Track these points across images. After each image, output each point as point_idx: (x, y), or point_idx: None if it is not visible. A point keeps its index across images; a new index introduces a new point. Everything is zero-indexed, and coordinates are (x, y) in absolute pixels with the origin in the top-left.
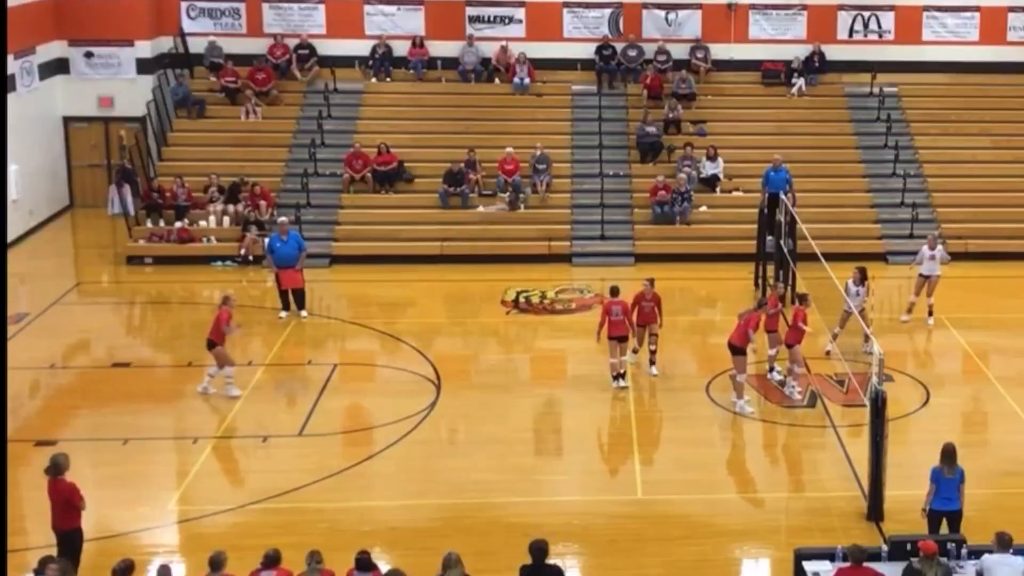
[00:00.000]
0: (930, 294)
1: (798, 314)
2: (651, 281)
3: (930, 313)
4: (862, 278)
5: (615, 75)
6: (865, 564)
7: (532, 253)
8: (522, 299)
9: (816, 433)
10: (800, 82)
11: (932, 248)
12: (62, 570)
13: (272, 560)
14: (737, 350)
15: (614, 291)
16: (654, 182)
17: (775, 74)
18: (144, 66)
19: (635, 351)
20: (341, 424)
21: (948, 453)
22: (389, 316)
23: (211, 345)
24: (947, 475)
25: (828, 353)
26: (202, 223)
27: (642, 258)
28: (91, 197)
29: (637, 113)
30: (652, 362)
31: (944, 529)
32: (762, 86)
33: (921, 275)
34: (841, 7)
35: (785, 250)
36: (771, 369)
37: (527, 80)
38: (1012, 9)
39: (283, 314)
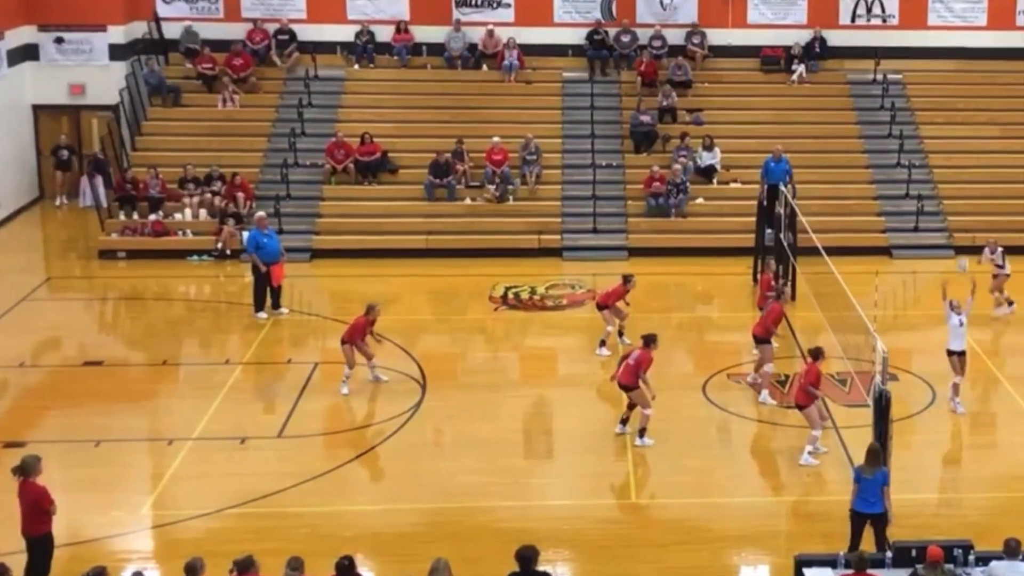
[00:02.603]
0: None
1: (811, 372)
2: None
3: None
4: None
5: (608, 61)
6: (868, 571)
7: (521, 247)
8: (511, 295)
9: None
10: (800, 68)
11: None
12: None
13: (244, 566)
14: (760, 340)
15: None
16: (648, 173)
17: (774, 60)
18: (117, 52)
19: (625, 420)
20: (322, 425)
21: (871, 452)
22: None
23: (342, 343)
24: (866, 475)
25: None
26: (177, 216)
27: (636, 252)
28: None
29: (631, 101)
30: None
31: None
32: (761, 73)
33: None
34: None
35: (785, 244)
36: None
37: (515, 62)
38: None
39: (263, 315)
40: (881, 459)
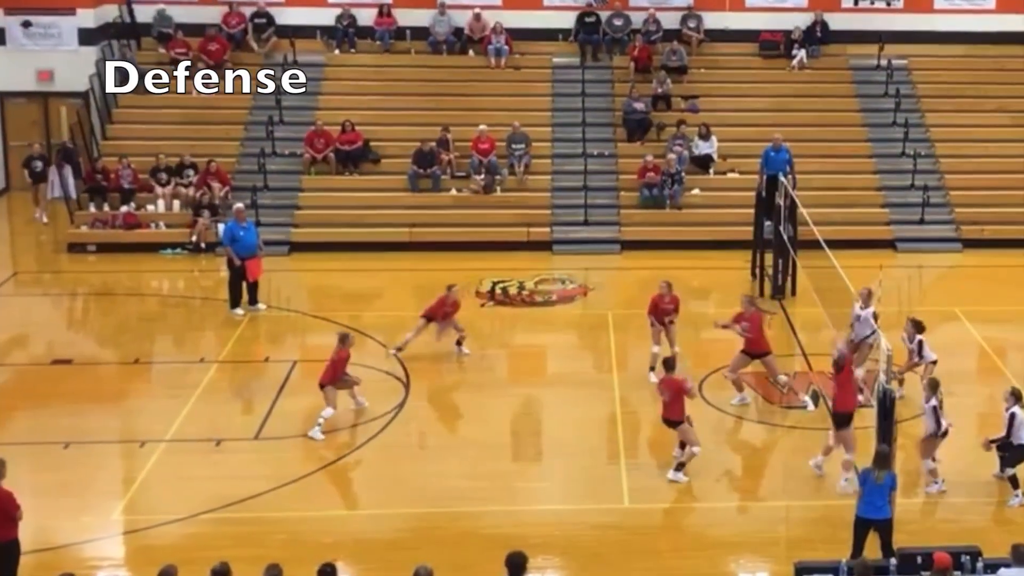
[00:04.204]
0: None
1: (843, 377)
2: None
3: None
4: (915, 329)
5: (599, 46)
6: None
7: (509, 240)
8: (498, 290)
9: (818, 436)
10: (801, 54)
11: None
12: None
13: (220, 574)
14: (757, 354)
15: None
16: (642, 163)
17: (774, 45)
18: (87, 36)
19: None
20: (301, 426)
21: (881, 456)
22: (353, 308)
23: (321, 385)
24: (876, 481)
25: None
26: (150, 207)
27: (629, 245)
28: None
29: (624, 88)
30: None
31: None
32: (760, 58)
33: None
34: None
35: (785, 237)
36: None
37: (503, 47)
38: None
39: (239, 311)
40: (891, 462)
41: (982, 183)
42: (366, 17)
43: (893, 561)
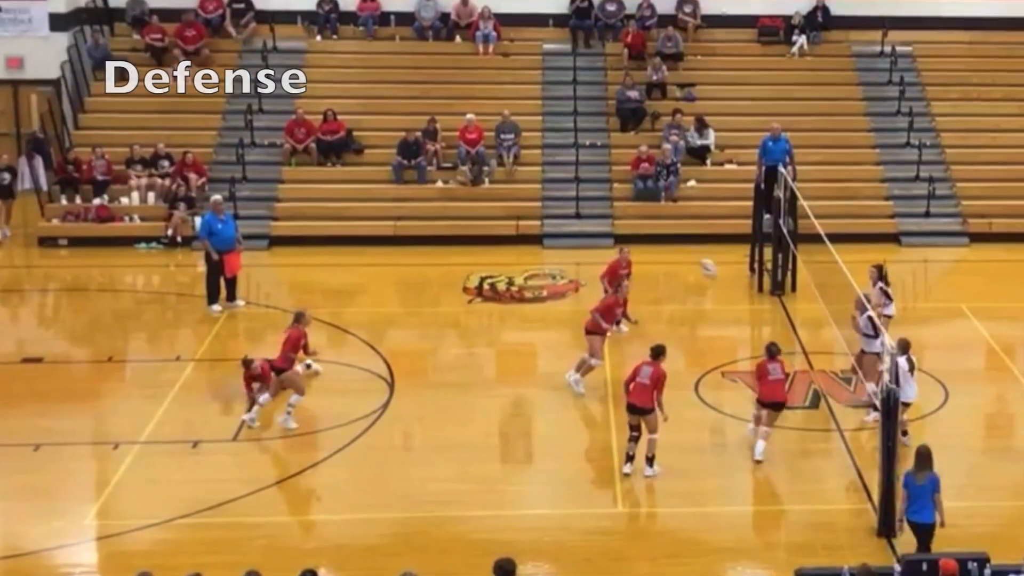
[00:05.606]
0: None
1: (765, 371)
2: None
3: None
4: (878, 274)
5: (592, 32)
6: None
7: (498, 234)
8: (487, 286)
9: (820, 438)
10: (801, 40)
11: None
12: None
13: None
14: (591, 332)
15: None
16: (636, 153)
17: (773, 31)
18: (58, 22)
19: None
20: (282, 429)
21: (921, 456)
22: (335, 305)
23: (278, 371)
24: (918, 482)
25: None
26: (124, 200)
27: (622, 239)
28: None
29: (617, 75)
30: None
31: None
32: (759, 45)
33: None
34: None
35: (784, 230)
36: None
37: (492, 33)
38: None
39: (217, 308)
40: (931, 463)
41: (989, 175)
42: (349, 2)
43: (897, 568)
